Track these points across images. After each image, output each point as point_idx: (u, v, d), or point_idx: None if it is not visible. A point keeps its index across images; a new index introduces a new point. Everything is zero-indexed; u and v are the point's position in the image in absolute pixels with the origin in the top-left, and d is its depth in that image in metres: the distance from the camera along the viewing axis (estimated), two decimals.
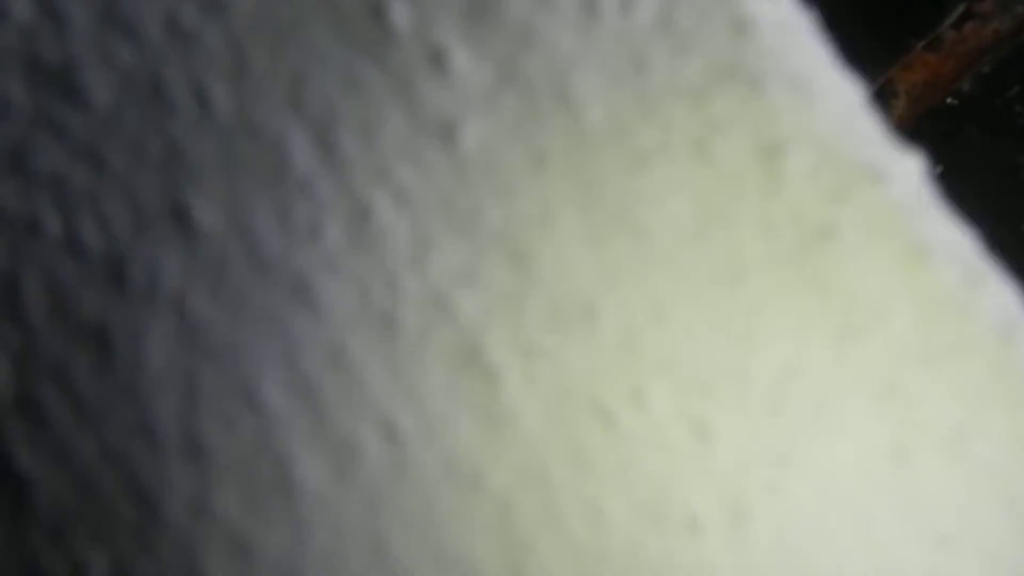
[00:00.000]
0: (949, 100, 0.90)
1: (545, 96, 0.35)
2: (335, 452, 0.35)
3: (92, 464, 0.35)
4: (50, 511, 0.35)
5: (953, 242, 0.36)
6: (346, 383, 0.35)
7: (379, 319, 0.35)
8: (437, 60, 0.35)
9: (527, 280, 0.35)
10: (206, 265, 0.35)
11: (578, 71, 0.35)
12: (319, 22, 0.35)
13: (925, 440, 0.36)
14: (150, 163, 0.35)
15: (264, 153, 0.35)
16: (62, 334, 0.35)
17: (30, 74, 0.36)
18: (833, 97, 0.36)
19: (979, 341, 0.36)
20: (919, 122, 0.90)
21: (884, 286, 0.36)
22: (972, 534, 0.36)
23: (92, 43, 0.36)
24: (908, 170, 0.36)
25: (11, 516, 0.35)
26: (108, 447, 0.35)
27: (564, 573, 0.35)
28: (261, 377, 0.35)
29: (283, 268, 0.35)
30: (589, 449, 0.35)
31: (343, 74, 0.35)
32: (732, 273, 0.35)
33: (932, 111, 0.90)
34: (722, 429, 0.35)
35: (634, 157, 0.35)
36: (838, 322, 0.36)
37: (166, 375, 0.35)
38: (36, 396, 0.35)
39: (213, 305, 0.35)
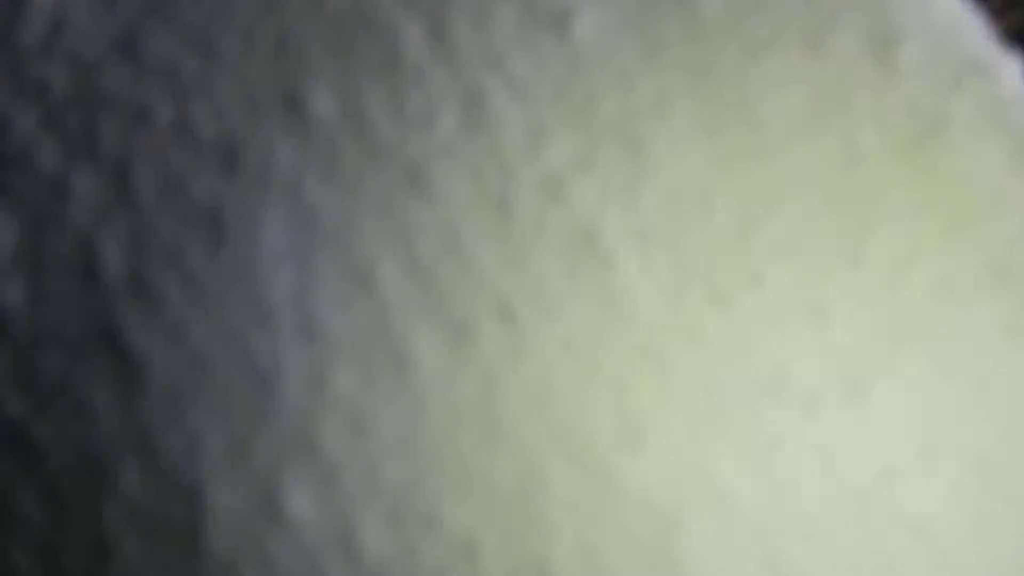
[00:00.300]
0: None
1: None
2: (451, 332, 0.35)
3: (207, 343, 0.35)
4: (165, 389, 0.36)
5: None
6: (461, 266, 0.35)
7: (494, 204, 0.35)
8: None
9: (643, 168, 0.36)
10: (319, 151, 0.36)
11: None
12: None
13: None
14: (262, 50, 0.36)
15: (377, 41, 0.36)
16: (174, 217, 0.36)
17: None
18: None
19: None
20: None
21: (997, 175, 0.37)
22: None
23: None
24: (1012, 68, 0.37)
25: (125, 391, 0.36)
26: (223, 326, 0.35)
27: (683, 444, 0.35)
28: (376, 260, 0.35)
29: (397, 154, 0.35)
30: (707, 331, 0.36)
31: None
32: (847, 161, 0.36)
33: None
34: (840, 311, 0.36)
35: (749, 47, 0.36)
36: (954, 210, 0.37)
37: (280, 257, 0.35)
38: (149, 276, 0.36)
39: (327, 190, 0.35)
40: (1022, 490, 0.38)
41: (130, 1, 0.39)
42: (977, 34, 0.40)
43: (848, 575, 0.38)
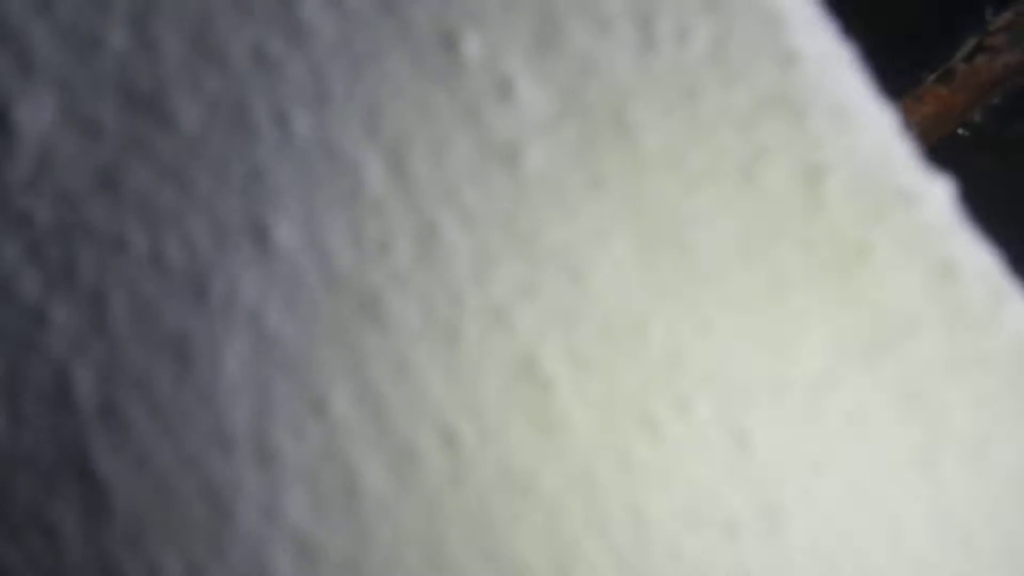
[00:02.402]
0: (961, 131, 0.90)
1: (604, 122, 0.37)
2: (397, 458, 0.36)
3: (170, 470, 0.37)
4: (128, 514, 0.37)
5: (979, 261, 0.38)
6: (409, 392, 0.37)
7: (442, 331, 0.37)
8: (504, 88, 0.37)
9: (582, 295, 0.37)
10: (282, 280, 0.37)
11: (635, 99, 0.37)
12: (395, 52, 0.37)
13: (951, 447, 0.37)
14: (233, 184, 0.38)
15: (340, 175, 0.37)
16: (145, 345, 0.37)
17: (123, 99, 0.39)
18: (871, 124, 0.38)
19: (1001, 354, 0.38)
20: (931, 154, 0.90)
21: (914, 301, 0.37)
22: (998, 539, 0.38)
23: (182, 70, 0.38)
24: (937, 193, 0.38)
25: (90, 518, 0.37)
26: (185, 453, 0.37)
27: (608, 573, 0.35)
28: (330, 386, 0.37)
29: (354, 283, 0.37)
30: (635, 455, 0.37)
31: (416, 101, 0.37)
32: (774, 289, 0.37)
33: (944, 143, 0.90)
34: (761, 437, 0.37)
35: (686, 180, 0.37)
36: (871, 335, 0.37)
37: (242, 384, 0.37)
38: (119, 404, 0.37)
39: (287, 318, 0.37)
40: None
41: (113, 136, 0.40)
42: (904, 162, 0.40)
43: None
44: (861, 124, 0.42)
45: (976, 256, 0.42)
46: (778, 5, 0.42)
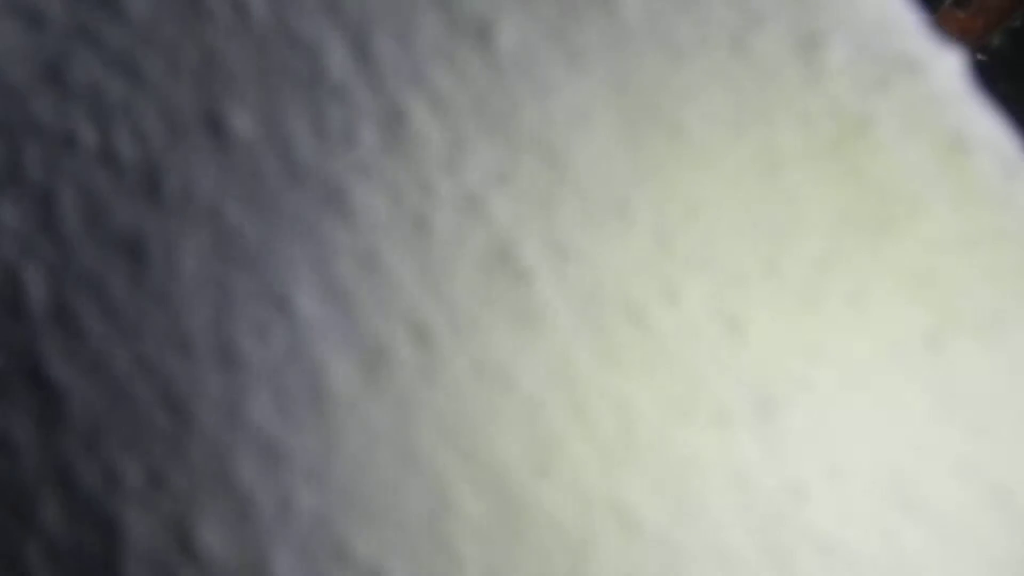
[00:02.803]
0: (979, 57, 0.87)
1: None
2: (366, 357, 0.34)
3: (126, 373, 0.34)
4: (84, 419, 0.35)
5: (990, 135, 0.36)
6: (378, 287, 0.34)
7: (411, 223, 0.34)
8: None
9: (561, 180, 0.34)
10: (240, 173, 0.35)
11: None
12: None
13: (961, 327, 0.35)
14: (186, 73, 0.35)
15: (300, 59, 0.35)
16: (97, 245, 0.35)
17: None
18: None
19: (1013, 229, 0.35)
20: None
21: (921, 177, 0.35)
22: (1006, 424, 0.35)
23: None
24: (946, 63, 0.35)
25: (45, 424, 0.35)
26: (142, 356, 0.34)
27: (592, 468, 0.34)
28: (294, 283, 0.34)
29: (317, 174, 0.34)
30: (619, 346, 0.34)
31: None
32: (768, 167, 0.34)
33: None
34: (754, 324, 0.34)
35: (671, 53, 0.35)
36: (875, 213, 0.35)
37: (200, 283, 0.34)
38: (71, 306, 0.35)
39: (247, 212, 0.34)
40: (935, 508, 0.36)
41: (57, 26, 0.38)
42: (909, 30, 0.37)
43: None
44: None
45: (986, 128, 0.40)
46: None
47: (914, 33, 0.39)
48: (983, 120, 0.40)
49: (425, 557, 0.37)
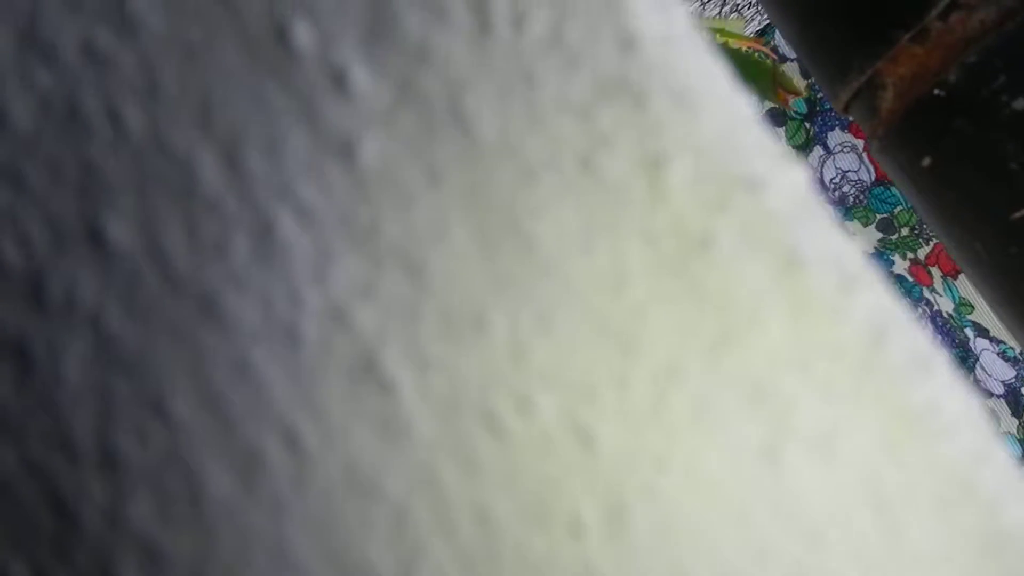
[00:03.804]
0: (936, 92, 0.89)
1: (440, 112, 0.36)
2: (240, 461, 0.36)
3: (12, 474, 0.36)
4: None
5: (829, 249, 0.37)
6: (251, 394, 0.36)
7: (282, 332, 0.36)
8: (337, 79, 0.36)
9: (421, 292, 0.36)
10: (120, 282, 0.36)
11: (471, 87, 0.36)
12: (226, 43, 0.36)
13: (796, 441, 0.37)
14: (67, 183, 0.37)
15: (174, 172, 0.37)
16: None
17: None
18: (717, 110, 0.37)
19: (851, 343, 0.38)
20: (907, 114, 0.90)
21: (759, 292, 0.37)
22: (842, 533, 0.37)
23: (12, 66, 0.37)
24: (789, 180, 0.37)
25: None
26: (27, 458, 0.36)
27: (455, 574, 0.35)
28: (171, 390, 0.36)
29: (192, 283, 0.36)
30: (479, 455, 0.36)
31: (249, 94, 0.36)
32: (615, 281, 0.36)
33: (920, 103, 0.90)
34: (604, 434, 0.36)
35: (523, 171, 0.36)
36: (715, 327, 0.37)
37: (82, 389, 0.36)
38: None
39: (126, 320, 0.36)
40: None
41: None
42: (751, 148, 0.39)
43: None
44: (706, 109, 0.41)
45: (826, 244, 0.42)
46: None
47: (757, 151, 0.41)
48: (823, 235, 0.42)
49: None
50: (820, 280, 0.42)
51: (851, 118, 1.06)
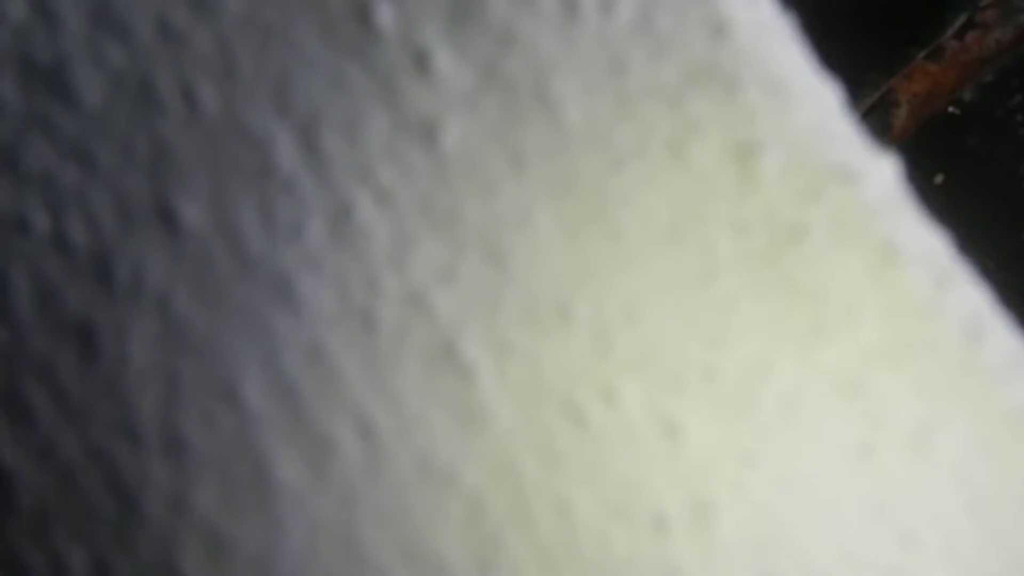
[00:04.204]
0: (951, 109, 0.88)
1: (525, 97, 0.35)
2: (312, 449, 0.35)
3: (74, 460, 0.35)
4: (32, 506, 0.35)
5: (924, 243, 0.36)
6: (324, 380, 0.35)
7: (358, 317, 0.35)
8: (420, 61, 0.35)
9: (503, 278, 0.35)
10: (190, 263, 0.35)
11: (557, 72, 0.35)
12: (305, 23, 0.35)
13: (890, 438, 0.36)
14: (138, 162, 0.36)
15: (249, 152, 0.35)
16: (48, 331, 0.35)
17: (23, 74, 0.36)
18: (808, 99, 0.36)
19: (945, 340, 0.36)
20: (921, 132, 0.89)
21: (853, 286, 0.36)
22: (936, 534, 0.36)
23: (84, 43, 0.36)
24: (881, 172, 0.36)
25: None
26: (90, 444, 0.35)
27: (532, 570, 0.34)
28: (241, 374, 0.35)
29: (265, 266, 0.35)
30: (560, 446, 0.35)
31: (328, 75, 0.35)
32: (704, 272, 0.35)
33: (934, 121, 0.89)
34: (691, 428, 0.35)
35: (611, 158, 0.35)
36: (807, 321, 0.35)
37: (148, 372, 0.35)
38: (21, 392, 0.35)
39: (196, 303, 0.35)
40: None
41: (13, 112, 0.38)
42: (843, 139, 0.38)
43: None
44: (797, 98, 0.40)
45: (920, 238, 0.41)
46: None
47: (849, 142, 0.40)
48: (916, 229, 0.41)
49: None
50: (915, 275, 0.40)
51: None
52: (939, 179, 0.94)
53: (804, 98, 0.41)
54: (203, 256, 0.40)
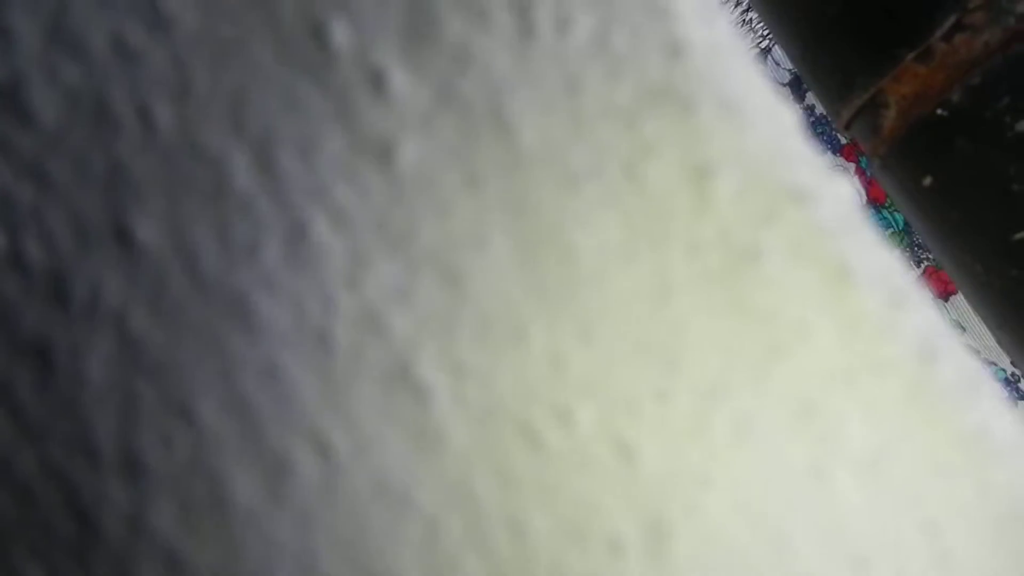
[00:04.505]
0: (939, 111, 0.88)
1: (481, 117, 0.35)
2: (268, 469, 0.35)
3: (32, 478, 0.35)
4: None
5: (879, 265, 0.36)
6: (280, 400, 0.35)
7: (314, 337, 0.35)
8: (376, 81, 0.35)
9: (459, 299, 0.35)
10: (146, 282, 0.35)
11: (513, 92, 0.35)
12: (261, 42, 0.35)
13: (843, 460, 0.36)
14: (94, 181, 0.36)
15: (205, 172, 0.35)
16: (5, 349, 0.35)
17: None
18: (764, 120, 0.36)
19: (899, 361, 0.37)
20: (910, 133, 0.89)
21: (808, 307, 0.36)
22: (888, 557, 0.36)
23: (38, 61, 0.36)
24: (837, 193, 0.36)
25: None
26: (48, 462, 0.35)
27: None
28: (197, 394, 0.35)
29: (221, 286, 0.35)
30: (515, 468, 0.35)
31: (284, 94, 0.35)
32: (658, 293, 0.35)
33: (922, 122, 0.89)
34: (645, 450, 0.35)
35: (566, 178, 0.35)
36: (761, 343, 0.36)
37: (105, 391, 0.35)
38: None
39: (152, 322, 0.35)
40: None
41: None
42: (799, 160, 0.38)
43: None
44: (753, 119, 0.41)
45: (875, 259, 0.41)
46: None
47: (805, 163, 0.41)
48: (871, 250, 0.41)
49: None
50: (869, 296, 0.41)
51: (852, 136, 1.05)
52: (927, 181, 0.95)
53: (760, 119, 0.41)
54: (159, 275, 0.40)
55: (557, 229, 0.40)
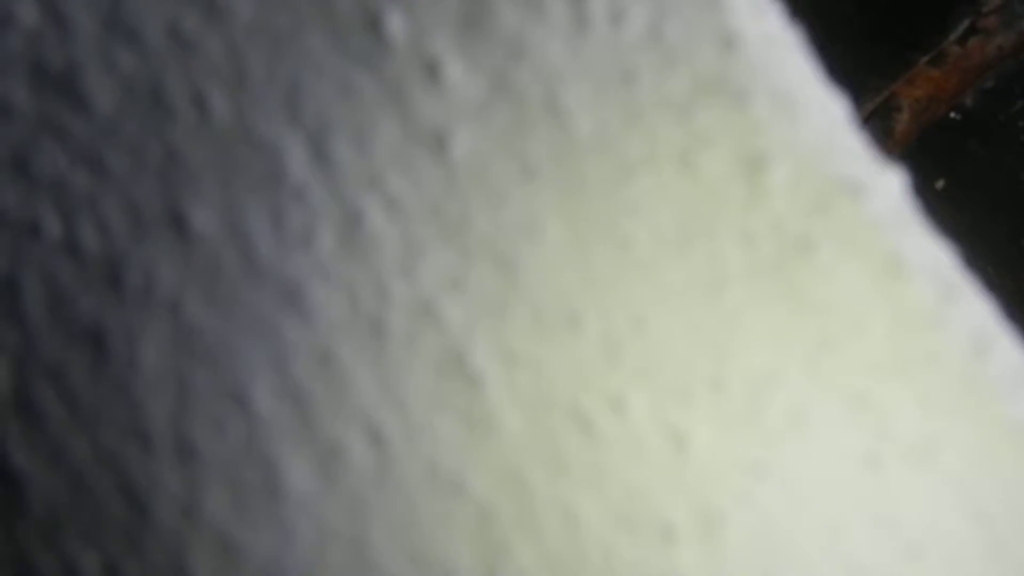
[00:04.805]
0: (952, 115, 0.89)
1: (535, 106, 0.35)
2: (321, 455, 0.35)
3: (85, 464, 0.35)
4: (43, 510, 0.36)
5: (930, 256, 0.37)
6: (333, 387, 0.35)
7: (367, 325, 0.35)
8: (430, 70, 0.36)
9: (512, 287, 0.35)
10: (201, 269, 0.36)
11: (567, 82, 0.36)
12: (316, 31, 0.35)
13: (895, 450, 0.36)
14: (149, 168, 0.36)
15: (260, 159, 0.36)
16: (60, 335, 0.36)
17: (35, 79, 0.37)
18: (816, 112, 0.36)
19: (950, 353, 0.37)
20: (922, 137, 0.89)
21: (859, 298, 0.36)
22: (940, 546, 0.36)
23: (95, 49, 0.36)
24: (889, 185, 0.37)
25: (4, 514, 0.35)
26: (101, 448, 0.35)
27: None
28: (251, 380, 0.35)
29: (275, 273, 0.35)
30: (567, 455, 0.35)
31: (338, 82, 0.36)
32: (712, 283, 0.35)
33: (935, 126, 0.89)
34: (698, 438, 0.35)
35: (620, 168, 0.35)
36: (813, 333, 0.36)
37: (159, 377, 0.35)
38: (33, 396, 0.36)
39: (206, 309, 0.35)
40: None
41: (24, 117, 0.39)
42: (851, 152, 0.39)
43: None
44: (806, 111, 0.41)
45: (926, 251, 0.41)
46: None
47: (857, 155, 0.41)
48: (922, 242, 0.41)
49: None
50: (921, 288, 0.41)
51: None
52: (940, 184, 0.95)
53: (812, 111, 0.41)
54: (213, 262, 0.40)
55: (611, 218, 0.40)
